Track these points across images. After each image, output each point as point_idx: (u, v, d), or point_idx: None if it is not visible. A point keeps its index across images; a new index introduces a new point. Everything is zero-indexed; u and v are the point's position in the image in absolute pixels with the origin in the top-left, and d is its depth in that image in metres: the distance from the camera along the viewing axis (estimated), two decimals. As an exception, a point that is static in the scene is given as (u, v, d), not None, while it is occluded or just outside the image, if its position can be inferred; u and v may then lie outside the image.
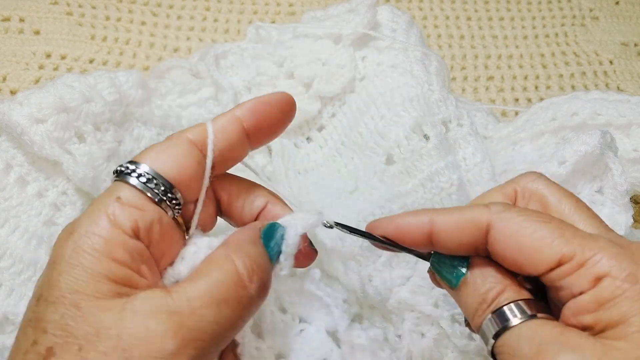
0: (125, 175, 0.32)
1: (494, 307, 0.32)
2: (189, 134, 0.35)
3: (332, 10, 0.60)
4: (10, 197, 0.45)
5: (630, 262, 0.30)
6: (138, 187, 0.32)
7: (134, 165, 0.33)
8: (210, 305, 0.29)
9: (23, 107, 0.45)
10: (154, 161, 0.33)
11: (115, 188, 0.32)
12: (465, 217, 0.33)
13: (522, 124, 0.57)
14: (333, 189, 0.54)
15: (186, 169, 0.34)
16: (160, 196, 0.32)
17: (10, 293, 0.44)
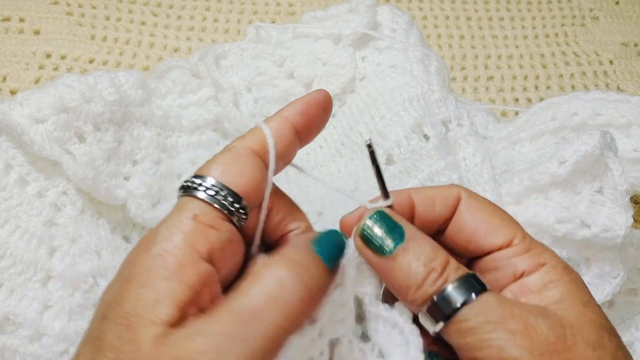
0: (194, 190, 0.32)
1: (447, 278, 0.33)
2: (249, 142, 0.34)
3: (332, 10, 0.60)
4: (11, 197, 0.45)
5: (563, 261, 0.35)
6: (210, 202, 0.31)
7: (201, 178, 0.32)
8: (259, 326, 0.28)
9: (23, 107, 0.45)
10: (222, 174, 0.32)
11: (187, 204, 0.32)
12: (439, 191, 0.37)
13: (522, 124, 0.57)
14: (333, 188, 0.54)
15: (252, 181, 0.33)
16: (231, 209, 0.32)
17: (11, 293, 0.44)
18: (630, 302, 0.51)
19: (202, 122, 0.57)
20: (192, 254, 0.29)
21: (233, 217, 0.32)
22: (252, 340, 0.27)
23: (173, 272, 0.29)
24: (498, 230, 0.35)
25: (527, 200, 0.47)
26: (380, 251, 0.34)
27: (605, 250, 0.46)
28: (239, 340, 0.27)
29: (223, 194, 0.32)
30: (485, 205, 0.37)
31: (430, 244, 0.34)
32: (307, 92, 0.55)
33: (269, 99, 0.57)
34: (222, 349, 0.27)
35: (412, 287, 0.33)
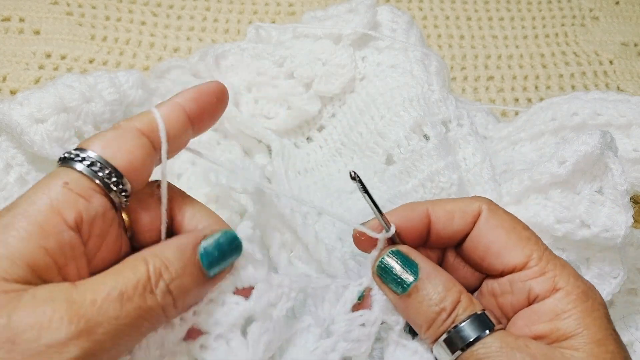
0: (71, 161, 0.31)
1: (454, 319, 0.34)
2: (136, 122, 0.33)
3: (332, 10, 0.60)
4: (10, 197, 0.45)
5: (582, 283, 0.34)
6: (85, 173, 0.30)
7: (81, 151, 0.31)
8: (114, 300, 0.28)
9: (23, 107, 0.45)
10: (103, 149, 0.31)
11: (60, 173, 0.31)
12: (459, 205, 0.37)
13: (522, 124, 0.57)
14: (333, 189, 0.54)
15: (135, 158, 0.32)
16: (110, 185, 0.31)
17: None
18: (630, 302, 0.51)
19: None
20: (56, 219, 0.29)
21: (110, 192, 0.31)
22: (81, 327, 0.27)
23: (31, 233, 0.28)
24: (512, 251, 0.35)
25: (527, 200, 0.47)
26: (395, 289, 0.35)
27: (605, 250, 0.46)
28: (66, 322, 0.26)
29: (99, 166, 0.31)
30: (506, 222, 0.36)
31: (443, 282, 0.35)
32: (307, 92, 0.56)
33: (269, 99, 0.57)
34: (51, 326, 0.26)
35: (424, 326, 0.35)
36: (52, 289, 0.28)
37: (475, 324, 0.33)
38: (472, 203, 0.37)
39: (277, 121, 0.56)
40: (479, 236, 0.36)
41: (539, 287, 0.34)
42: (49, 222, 0.29)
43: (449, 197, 0.49)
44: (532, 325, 0.33)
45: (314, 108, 0.56)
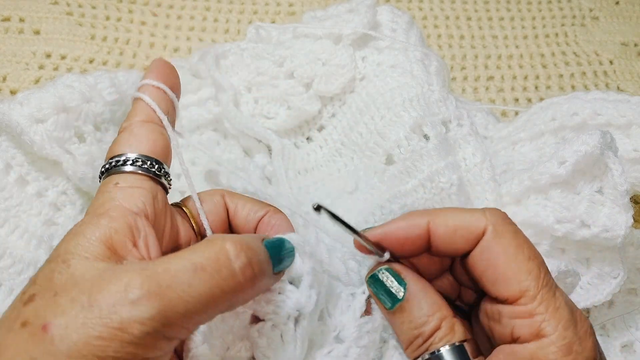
0: (115, 167, 0.35)
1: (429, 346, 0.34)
2: (137, 117, 0.37)
3: (332, 10, 0.60)
4: (10, 197, 0.45)
5: (573, 332, 0.32)
6: (134, 171, 0.35)
7: (120, 156, 0.35)
8: (186, 268, 0.29)
9: (23, 107, 0.45)
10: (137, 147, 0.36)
11: (107, 180, 0.35)
12: (464, 221, 0.35)
13: (522, 124, 0.57)
14: (333, 189, 0.54)
15: (161, 144, 0.37)
16: (156, 172, 0.35)
17: (11, 293, 0.44)
18: (630, 302, 0.51)
19: (202, 122, 0.57)
20: (120, 208, 0.33)
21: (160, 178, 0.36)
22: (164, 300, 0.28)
23: (101, 221, 0.32)
24: (509, 283, 0.33)
25: (527, 200, 0.47)
26: (384, 304, 0.36)
27: (605, 250, 0.46)
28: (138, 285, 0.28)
29: (142, 161, 0.35)
30: (512, 248, 0.33)
31: (428, 306, 0.35)
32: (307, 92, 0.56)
33: (269, 99, 0.57)
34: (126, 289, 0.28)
35: (404, 345, 0.36)
36: (131, 264, 0.30)
37: (453, 355, 0.33)
38: (478, 220, 0.34)
39: (277, 121, 0.56)
40: (479, 259, 0.34)
41: (523, 329, 0.32)
42: (115, 211, 0.32)
43: (449, 197, 0.49)
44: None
45: (314, 108, 0.56)
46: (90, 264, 0.30)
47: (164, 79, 0.39)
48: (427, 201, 0.50)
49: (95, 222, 0.32)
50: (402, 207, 0.49)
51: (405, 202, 0.49)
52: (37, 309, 0.28)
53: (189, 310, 0.29)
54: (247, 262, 0.31)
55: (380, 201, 0.49)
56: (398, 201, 0.49)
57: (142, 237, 0.32)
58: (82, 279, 0.29)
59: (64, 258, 0.30)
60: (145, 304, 0.27)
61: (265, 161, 0.57)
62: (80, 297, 0.28)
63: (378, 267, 0.37)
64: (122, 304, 0.27)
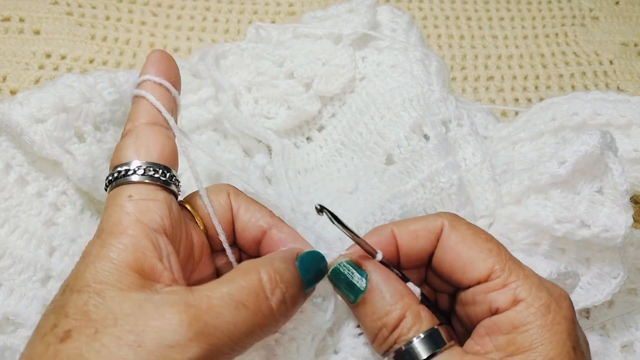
0: (122, 178, 0.33)
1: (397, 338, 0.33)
2: (141, 119, 0.36)
3: (332, 10, 0.60)
4: (10, 197, 0.45)
5: (546, 293, 0.33)
6: (143, 181, 0.33)
7: (126, 165, 0.33)
8: (229, 305, 0.29)
9: (23, 107, 0.45)
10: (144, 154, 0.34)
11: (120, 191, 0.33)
12: (422, 225, 0.37)
13: (522, 124, 0.57)
14: (333, 189, 0.54)
15: (168, 148, 0.35)
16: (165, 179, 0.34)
17: (10, 293, 0.44)
18: (630, 302, 0.51)
19: (202, 122, 0.57)
20: (141, 227, 0.31)
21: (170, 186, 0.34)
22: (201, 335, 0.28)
23: (126, 244, 0.30)
24: (475, 265, 0.34)
25: (527, 200, 0.47)
26: (347, 297, 0.36)
27: (605, 250, 0.46)
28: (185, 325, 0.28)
29: (152, 170, 0.33)
30: (469, 235, 0.36)
31: (390, 295, 0.34)
32: (307, 92, 0.56)
33: (269, 99, 0.57)
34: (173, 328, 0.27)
35: (370, 338, 0.35)
36: (170, 294, 0.29)
37: (426, 343, 0.33)
38: (435, 220, 0.37)
39: (277, 121, 0.56)
40: (443, 253, 0.36)
41: (500, 299, 0.33)
42: (134, 229, 0.31)
43: (449, 197, 0.49)
44: (492, 335, 0.33)
45: (314, 108, 0.56)
46: (126, 296, 0.29)
47: (164, 73, 0.37)
48: (427, 201, 0.49)
49: (118, 244, 0.30)
50: (402, 207, 0.49)
51: (405, 202, 0.49)
52: (79, 348, 0.27)
53: (231, 347, 0.29)
54: (281, 299, 0.31)
55: (380, 201, 0.49)
56: (398, 201, 0.49)
57: (165, 257, 0.31)
58: (122, 315, 0.28)
59: (96, 289, 0.29)
60: (195, 345, 0.27)
61: (265, 161, 0.57)
62: (127, 336, 0.27)
63: (339, 260, 0.36)
64: (172, 345, 0.27)
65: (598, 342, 0.50)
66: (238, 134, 0.56)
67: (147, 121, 0.35)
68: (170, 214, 0.33)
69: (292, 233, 0.39)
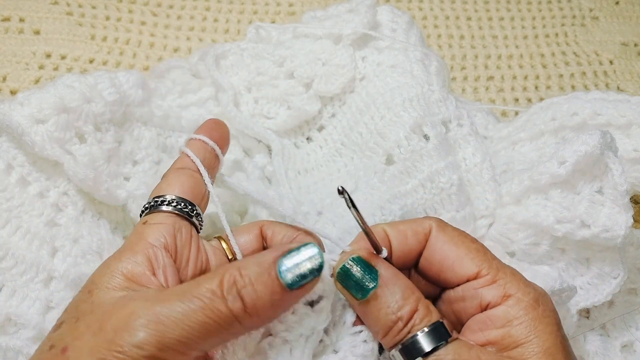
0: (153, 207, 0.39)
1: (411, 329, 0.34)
2: (176, 165, 0.42)
3: (332, 10, 0.60)
4: (12, 198, 0.45)
5: (533, 290, 0.35)
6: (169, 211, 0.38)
7: (160, 197, 0.39)
8: (183, 297, 0.32)
9: (24, 107, 0.45)
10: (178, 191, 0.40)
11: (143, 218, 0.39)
12: (411, 225, 0.39)
13: (522, 124, 0.57)
14: (333, 189, 0.54)
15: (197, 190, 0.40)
16: (189, 212, 0.39)
17: (13, 294, 0.44)
18: (630, 301, 0.51)
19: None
20: (143, 243, 0.36)
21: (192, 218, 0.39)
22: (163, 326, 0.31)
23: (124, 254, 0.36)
24: (464, 263, 0.36)
25: (527, 200, 0.47)
26: (355, 295, 0.36)
27: (605, 250, 0.46)
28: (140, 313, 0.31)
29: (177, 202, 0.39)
30: (455, 236, 0.38)
31: (402, 289, 0.35)
32: (307, 92, 0.56)
33: (269, 99, 0.57)
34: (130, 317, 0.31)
35: (380, 333, 0.36)
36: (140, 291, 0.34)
37: (431, 335, 0.34)
38: (423, 222, 0.39)
39: (277, 121, 0.56)
40: (432, 253, 0.38)
41: (491, 295, 0.35)
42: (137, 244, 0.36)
43: (449, 197, 0.49)
44: (485, 330, 0.34)
45: (314, 108, 0.56)
46: (110, 293, 0.33)
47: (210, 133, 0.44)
48: (427, 201, 0.50)
49: (119, 257, 0.35)
50: (402, 207, 0.49)
51: (405, 202, 0.49)
52: (62, 333, 0.33)
53: (183, 337, 0.31)
54: (237, 296, 0.32)
55: (380, 201, 0.49)
56: (398, 201, 0.49)
57: (160, 267, 0.35)
58: (99, 307, 0.33)
59: (89, 288, 0.34)
60: (142, 330, 0.30)
61: (265, 161, 0.57)
62: (94, 323, 0.32)
63: (346, 258, 0.36)
64: (124, 329, 0.30)
65: (598, 342, 0.50)
66: (238, 134, 0.56)
67: (179, 166, 0.42)
68: (176, 235, 0.37)
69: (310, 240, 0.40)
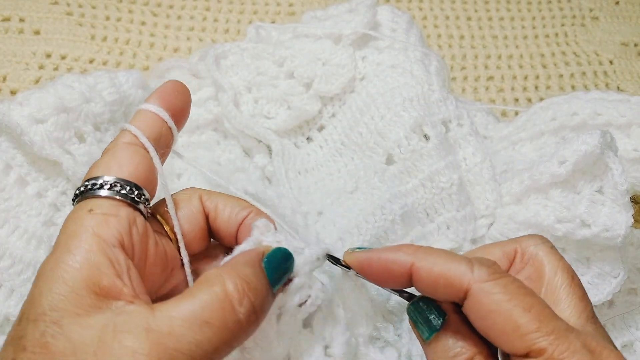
0: (90, 191, 0.32)
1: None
2: (121, 139, 0.35)
3: (332, 10, 0.60)
4: (10, 198, 0.45)
5: None
6: (110, 196, 0.32)
7: (96, 179, 0.33)
8: (192, 325, 0.28)
9: (23, 107, 0.45)
10: (116, 171, 0.33)
11: (79, 205, 0.32)
12: (447, 273, 0.32)
13: (522, 124, 0.57)
14: (333, 189, 0.54)
15: (143, 169, 0.34)
16: (135, 198, 0.33)
17: (11, 294, 0.44)
18: (630, 301, 0.51)
19: (202, 122, 0.57)
20: (97, 241, 0.30)
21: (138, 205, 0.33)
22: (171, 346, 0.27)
23: (81, 261, 0.29)
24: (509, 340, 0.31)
25: (527, 200, 0.47)
26: (421, 335, 0.35)
27: (606, 250, 0.46)
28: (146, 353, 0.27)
29: (120, 186, 0.32)
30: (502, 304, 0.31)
31: (463, 337, 0.33)
32: (307, 92, 0.56)
33: (269, 99, 0.57)
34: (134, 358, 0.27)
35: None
36: (129, 319, 0.28)
37: None
38: (463, 275, 0.32)
39: (277, 121, 0.56)
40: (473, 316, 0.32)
41: None
42: (92, 246, 0.30)
43: (449, 197, 0.49)
44: None
45: (314, 108, 0.56)
46: (84, 322, 0.28)
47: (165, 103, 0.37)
48: (427, 201, 0.50)
49: (72, 262, 0.29)
50: (402, 207, 0.49)
51: (406, 201, 0.49)
52: None
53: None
54: (251, 309, 0.30)
55: (380, 201, 0.49)
56: (398, 201, 0.49)
57: (125, 272, 0.30)
58: (81, 345, 0.27)
59: (52, 317, 0.28)
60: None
61: (265, 161, 0.57)
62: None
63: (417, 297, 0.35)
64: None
65: (598, 342, 0.50)
66: (238, 134, 0.56)
67: (127, 141, 0.35)
68: (131, 231, 0.32)
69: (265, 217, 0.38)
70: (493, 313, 0.31)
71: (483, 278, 0.31)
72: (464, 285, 0.31)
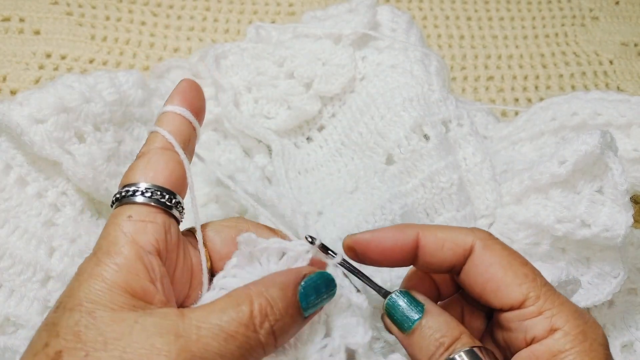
0: (127, 198, 0.34)
1: (451, 352, 0.34)
2: (156, 144, 0.36)
3: (332, 10, 0.60)
4: (10, 198, 0.45)
5: (582, 321, 0.33)
6: (145, 202, 0.33)
7: (132, 185, 0.34)
8: (218, 337, 0.30)
9: (23, 107, 0.45)
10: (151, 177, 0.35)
11: (119, 211, 0.34)
12: (453, 234, 0.36)
13: (522, 124, 0.57)
14: (333, 189, 0.54)
15: (177, 174, 0.36)
16: (170, 204, 0.34)
17: (11, 294, 0.44)
18: (630, 301, 0.51)
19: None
20: (136, 248, 0.32)
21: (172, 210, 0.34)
22: None
23: (120, 265, 0.31)
24: (509, 290, 0.34)
25: (527, 200, 0.47)
26: (400, 328, 0.36)
27: (606, 250, 0.46)
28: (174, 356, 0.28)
29: (153, 192, 0.34)
30: (503, 258, 0.35)
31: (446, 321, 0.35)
32: (307, 92, 0.56)
33: (269, 99, 0.57)
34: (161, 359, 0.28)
35: None
36: (160, 320, 0.30)
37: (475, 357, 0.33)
38: (465, 236, 0.36)
39: (277, 121, 0.56)
40: (475, 272, 0.35)
41: (536, 328, 0.33)
42: (128, 249, 0.31)
43: (449, 197, 0.49)
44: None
45: (314, 108, 0.56)
46: (117, 316, 0.29)
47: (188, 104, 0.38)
48: (427, 201, 0.50)
49: (112, 264, 0.31)
50: (402, 207, 0.49)
51: (406, 201, 0.49)
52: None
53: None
54: (269, 331, 0.31)
55: (380, 201, 0.49)
56: (398, 201, 0.49)
57: (158, 279, 0.32)
58: (112, 338, 0.28)
59: (88, 308, 0.29)
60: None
61: (265, 161, 0.57)
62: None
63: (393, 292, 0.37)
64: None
65: (598, 342, 0.50)
66: (238, 134, 0.56)
67: (161, 146, 0.36)
68: (166, 238, 0.33)
69: None
70: (495, 265, 0.34)
71: (484, 237, 0.36)
72: (468, 243, 0.35)
